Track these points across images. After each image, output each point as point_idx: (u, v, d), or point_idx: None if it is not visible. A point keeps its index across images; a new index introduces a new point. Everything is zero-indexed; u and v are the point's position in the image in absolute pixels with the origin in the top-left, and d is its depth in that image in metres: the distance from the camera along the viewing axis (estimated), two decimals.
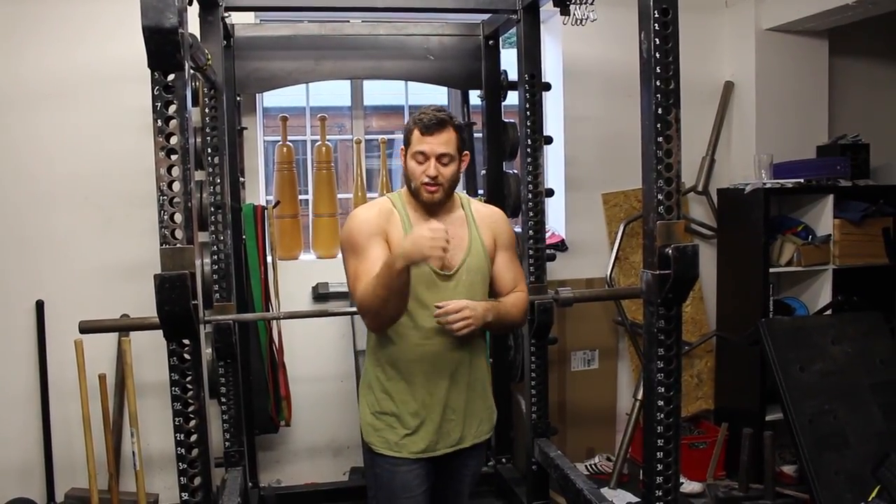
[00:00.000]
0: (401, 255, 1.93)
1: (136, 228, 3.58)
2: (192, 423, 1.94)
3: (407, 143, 2.18)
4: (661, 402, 2.10)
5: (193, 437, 1.94)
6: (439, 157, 2.12)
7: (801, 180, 3.90)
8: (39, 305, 3.55)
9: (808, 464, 3.22)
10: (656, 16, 1.97)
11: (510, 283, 2.29)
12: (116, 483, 3.50)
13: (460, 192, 2.40)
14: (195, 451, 1.95)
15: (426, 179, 2.12)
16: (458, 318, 2.04)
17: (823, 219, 3.99)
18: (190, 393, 1.93)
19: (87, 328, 2.52)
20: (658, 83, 1.99)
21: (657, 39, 1.98)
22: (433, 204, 2.17)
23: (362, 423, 2.32)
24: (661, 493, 2.14)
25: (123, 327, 2.90)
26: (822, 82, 4.22)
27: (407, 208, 2.20)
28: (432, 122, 2.11)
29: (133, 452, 3.39)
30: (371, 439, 2.28)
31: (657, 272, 2.01)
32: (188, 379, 1.92)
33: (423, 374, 2.19)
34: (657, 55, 1.98)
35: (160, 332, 1.92)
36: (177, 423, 1.93)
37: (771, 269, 3.92)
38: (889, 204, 4.04)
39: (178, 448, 1.94)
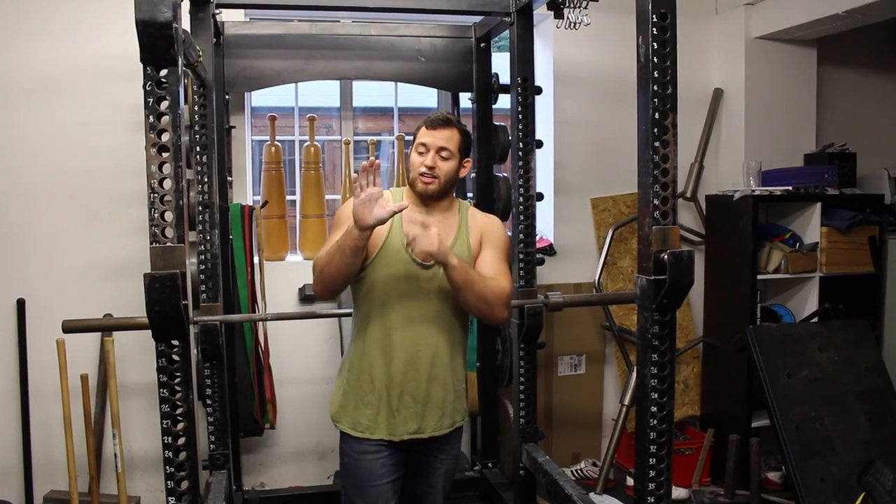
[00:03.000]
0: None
1: (120, 227, 3.54)
2: (181, 425, 1.90)
3: (414, 140, 2.31)
4: (654, 409, 2.09)
5: (181, 440, 1.90)
6: (439, 150, 2.24)
7: (790, 188, 3.92)
8: (20, 304, 3.49)
9: (795, 470, 3.23)
10: (654, 20, 1.96)
11: (487, 275, 2.28)
12: (97, 485, 3.44)
13: (463, 201, 2.46)
14: (183, 455, 1.91)
15: (423, 169, 2.24)
16: (426, 233, 2.06)
17: (811, 227, 4.01)
18: (178, 395, 1.89)
19: (70, 328, 2.48)
20: (655, 88, 1.98)
21: (655, 44, 1.97)
22: (427, 196, 2.27)
23: (332, 403, 2.39)
24: (653, 500, 2.12)
25: (109, 327, 2.85)
26: (810, 91, 4.26)
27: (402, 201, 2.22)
28: (439, 119, 2.27)
29: (115, 454, 3.34)
30: (338, 417, 2.35)
31: (652, 277, 2.00)
32: (177, 381, 1.88)
33: (387, 358, 2.26)
34: (655, 59, 1.97)
35: (143, 332, 1.89)
36: (164, 426, 1.89)
37: (758, 276, 3.94)
38: (875, 213, 4.08)
39: (166, 451, 1.90)
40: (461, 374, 2.41)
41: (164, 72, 1.76)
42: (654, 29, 1.97)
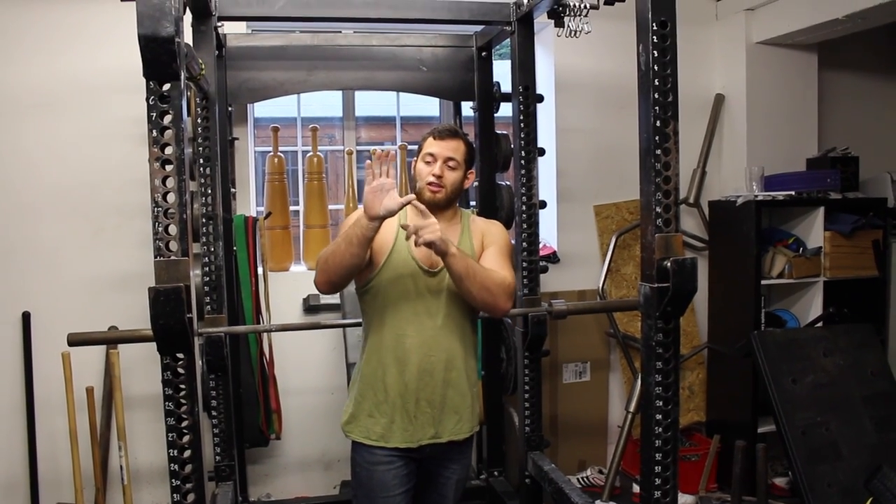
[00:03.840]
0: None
1: (124, 239, 3.55)
2: (186, 438, 1.90)
3: (420, 150, 2.34)
4: (659, 416, 2.09)
5: (187, 453, 1.90)
6: (446, 160, 2.28)
7: (792, 193, 3.92)
8: (26, 317, 3.50)
9: (801, 476, 3.22)
10: (655, 28, 1.97)
11: (490, 267, 2.28)
12: (103, 497, 3.45)
13: (466, 209, 2.49)
14: (189, 467, 1.91)
15: (431, 179, 2.27)
16: (426, 223, 2.07)
17: (814, 231, 4.01)
18: (184, 408, 1.89)
19: (75, 340, 2.47)
20: (656, 95, 1.99)
21: (655, 52, 1.98)
22: (434, 205, 2.27)
23: (344, 414, 2.38)
24: None
25: (114, 340, 2.85)
26: (811, 95, 4.26)
27: (407, 210, 2.23)
28: (446, 130, 2.31)
29: (121, 466, 3.35)
30: (350, 428, 2.35)
31: (655, 285, 2.00)
32: (182, 393, 1.89)
33: (401, 366, 2.27)
34: (655, 67, 1.98)
35: (149, 344, 1.89)
36: (170, 439, 1.89)
37: (762, 281, 3.94)
38: (879, 216, 4.08)
39: (172, 464, 1.90)
40: (474, 377, 2.42)
41: (166, 86, 1.77)
42: (655, 37, 1.98)
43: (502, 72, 3.50)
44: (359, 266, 2.17)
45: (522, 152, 3.17)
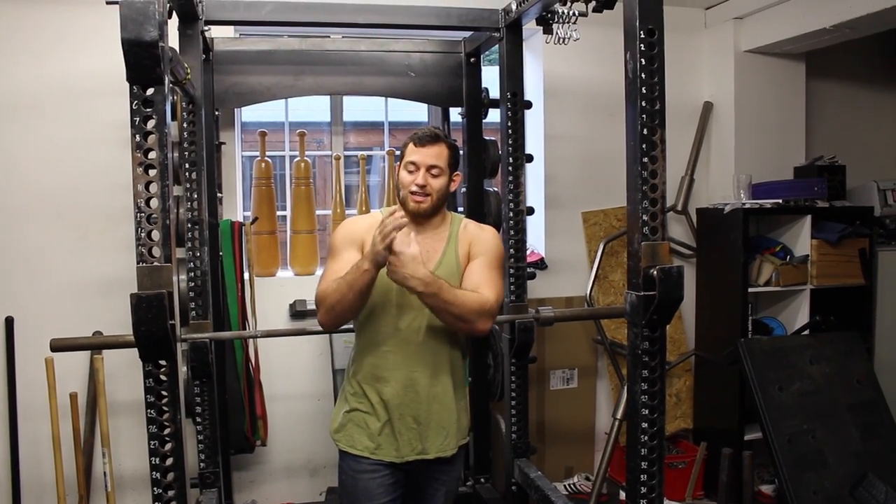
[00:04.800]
0: (366, 256, 2.06)
1: (109, 244, 3.52)
2: (168, 446, 1.88)
3: (402, 157, 2.29)
4: (644, 424, 2.08)
5: (169, 461, 1.88)
6: (429, 168, 2.22)
7: (780, 201, 3.93)
8: (9, 322, 3.46)
9: (787, 483, 3.23)
10: (642, 36, 1.96)
11: (471, 286, 2.24)
12: None
13: (457, 214, 2.45)
14: (171, 475, 1.89)
15: (414, 188, 2.22)
16: (396, 261, 2.03)
17: (801, 239, 4.03)
18: (166, 415, 1.87)
19: (58, 346, 2.46)
20: (644, 103, 1.98)
21: (643, 60, 1.97)
22: (419, 215, 2.24)
23: (332, 421, 2.38)
24: None
25: (97, 345, 2.83)
26: (799, 104, 4.28)
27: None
28: (426, 135, 2.24)
29: (105, 473, 3.32)
30: (338, 437, 2.34)
31: (642, 293, 1.99)
32: (164, 401, 1.87)
33: (385, 381, 2.26)
34: (643, 75, 1.97)
35: (133, 349, 1.87)
36: (152, 447, 1.87)
37: (749, 289, 3.95)
38: (865, 225, 4.09)
39: (154, 472, 1.88)
40: (462, 390, 2.39)
41: (150, 91, 1.75)
42: (642, 45, 1.97)
43: (491, 78, 3.49)
44: (364, 305, 2.17)
45: (510, 158, 3.17)
